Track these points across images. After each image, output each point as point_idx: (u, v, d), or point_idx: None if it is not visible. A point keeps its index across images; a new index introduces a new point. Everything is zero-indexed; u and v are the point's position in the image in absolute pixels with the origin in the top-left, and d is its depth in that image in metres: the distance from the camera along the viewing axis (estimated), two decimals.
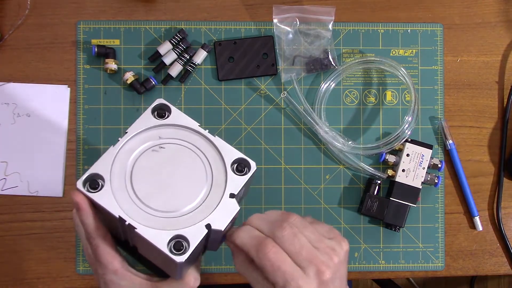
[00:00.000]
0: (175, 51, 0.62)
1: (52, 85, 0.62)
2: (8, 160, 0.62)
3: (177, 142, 0.42)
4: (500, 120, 0.65)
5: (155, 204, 0.39)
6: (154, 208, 0.39)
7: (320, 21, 0.63)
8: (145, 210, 0.39)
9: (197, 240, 0.38)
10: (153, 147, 0.41)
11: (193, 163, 0.41)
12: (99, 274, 0.42)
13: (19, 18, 0.62)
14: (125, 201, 0.39)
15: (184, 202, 0.39)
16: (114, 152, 0.40)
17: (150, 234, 0.37)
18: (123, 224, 0.38)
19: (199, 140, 0.42)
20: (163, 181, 0.40)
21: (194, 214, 0.39)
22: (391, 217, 0.61)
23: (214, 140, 0.42)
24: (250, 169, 0.41)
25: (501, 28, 0.66)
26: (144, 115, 0.42)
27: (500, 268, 0.65)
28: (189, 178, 0.40)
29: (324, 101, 0.63)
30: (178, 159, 0.41)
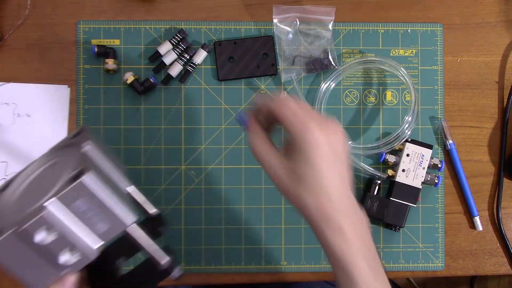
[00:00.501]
0: (175, 51, 0.62)
1: (52, 85, 0.62)
2: (8, 160, 0.62)
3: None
4: (500, 120, 0.65)
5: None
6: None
7: (320, 21, 0.63)
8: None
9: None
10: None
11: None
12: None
13: (19, 18, 0.62)
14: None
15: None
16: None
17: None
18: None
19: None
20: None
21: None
22: (391, 217, 0.61)
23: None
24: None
25: (501, 28, 0.66)
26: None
27: (500, 268, 0.65)
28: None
29: (324, 101, 0.63)
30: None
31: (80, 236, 0.40)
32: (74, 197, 0.38)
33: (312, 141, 0.40)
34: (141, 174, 0.62)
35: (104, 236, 0.40)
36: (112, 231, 0.40)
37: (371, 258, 0.42)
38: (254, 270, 0.63)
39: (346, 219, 0.41)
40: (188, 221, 0.62)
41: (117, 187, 0.44)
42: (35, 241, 0.38)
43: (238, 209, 0.63)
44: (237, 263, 0.63)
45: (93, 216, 0.40)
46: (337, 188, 0.41)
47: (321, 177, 0.41)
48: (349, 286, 0.40)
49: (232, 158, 0.63)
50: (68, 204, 0.39)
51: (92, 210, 0.39)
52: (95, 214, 0.40)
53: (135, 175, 0.62)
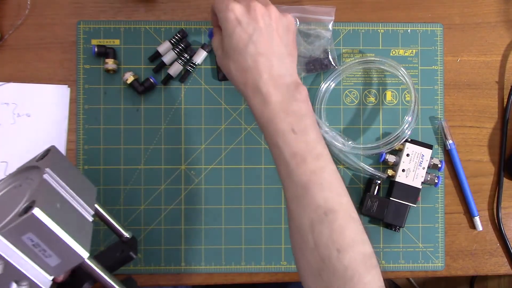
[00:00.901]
0: (175, 51, 0.62)
1: (52, 85, 0.62)
2: (8, 160, 0.62)
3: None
4: (500, 120, 0.65)
5: None
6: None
7: (320, 21, 0.63)
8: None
9: None
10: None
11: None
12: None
13: (19, 18, 0.62)
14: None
15: None
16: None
17: None
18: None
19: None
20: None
21: None
22: (391, 217, 0.61)
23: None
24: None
25: (501, 28, 0.66)
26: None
27: (500, 268, 0.65)
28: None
29: (324, 101, 0.63)
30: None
31: (28, 269, 0.39)
32: (23, 230, 0.37)
33: (229, 17, 0.47)
34: (141, 174, 0.62)
35: (57, 269, 0.40)
36: (65, 265, 0.40)
37: (295, 120, 0.46)
38: (254, 270, 0.63)
39: (269, 88, 0.46)
40: (188, 221, 0.62)
41: (77, 216, 0.43)
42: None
43: (238, 209, 0.63)
44: (237, 263, 0.63)
45: (45, 249, 0.39)
46: (256, 60, 0.47)
47: (240, 51, 0.47)
48: (274, 145, 0.46)
49: (232, 158, 0.63)
50: (16, 237, 0.37)
51: (43, 243, 0.38)
52: (47, 247, 0.38)
53: (135, 175, 0.62)
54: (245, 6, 0.47)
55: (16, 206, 0.39)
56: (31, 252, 0.38)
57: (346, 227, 0.43)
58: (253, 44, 0.46)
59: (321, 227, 0.43)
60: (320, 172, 0.44)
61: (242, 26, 0.46)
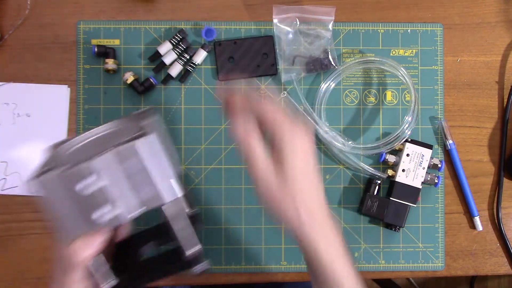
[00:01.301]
0: (175, 51, 0.62)
1: (52, 85, 0.62)
2: (8, 160, 0.62)
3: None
4: (500, 120, 0.65)
5: None
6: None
7: (320, 21, 0.63)
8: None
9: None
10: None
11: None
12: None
13: (19, 18, 0.62)
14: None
15: None
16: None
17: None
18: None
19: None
20: None
21: None
22: (391, 217, 0.61)
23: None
24: None
25: (501, 28, 0.66)
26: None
27: (500, 268, 0.65)
28: None
29: (324, 101, 0.63)
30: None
31: (120, 195, 0.39)
32: (128, 155, 0.38)
33: (296, 148, 0.42)
34: None
35: (146, 203, 0.40)
36: (155, 201, 0.40)
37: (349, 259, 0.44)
38: (254, 270, 0.63)
39: (333, 225, 0.44)
40: None
41: (171, 162, 0.42)
42: (76, 189, 0.39)
43: (238, 209, 0.63)
44: (237, 263, 0.63)
45: (140, 180, 0.39)
46: (317, 194, 0.44)
47: (302, 182, 0.43)
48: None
49: (232, 158, 0.63)
50: (120, 161, 0.38)
51: (141, 175, 0.39)
52: (143, 179, 0.39)
53: None
54: (304, 139, 0.44)
55: (117, 140, 0.39)
56: (127, 180, 0.39)
57: None
58: (318, 178, 0.44)
59: None
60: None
61: (312, 155, 0.43)
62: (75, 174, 0.38)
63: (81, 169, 0.38)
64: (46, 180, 0.39)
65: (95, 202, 0.39)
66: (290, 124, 0.43)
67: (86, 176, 0.38)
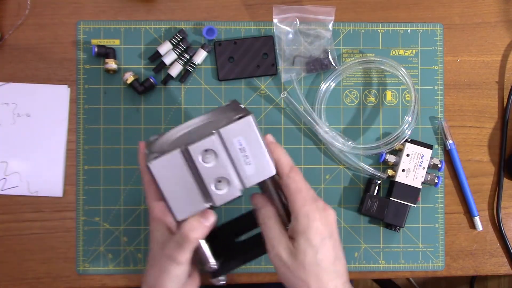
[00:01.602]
0: (175, 51, 0.62)
1: (52, 85, 0.62)
2: (8, 160, 0.62)
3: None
4: (500, 120, 0.65)
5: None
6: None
7: (320, 21, 0.63)
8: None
9: None
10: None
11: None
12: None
13: (19, 18, 0.62)
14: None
15: None
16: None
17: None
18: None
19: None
20: None
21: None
22: (391, 217, 0.61)
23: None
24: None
25: (501, 28, 0.66)
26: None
27: (500, 268, 0.65)
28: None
29: (324, 101, 0.63)
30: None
31: (234, 169, 0.45)
32: (236, 132, 0.44)
33: (315, 230, 0.44)
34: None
35: (250, 179, 0.45)
36: (258, 176, 0.45)
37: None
38: (254, 270, 0.63)
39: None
40: None
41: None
42: (195, 162, 0.44)
43: (238, 209, 0.63)
44: None
45: (247, 156, 0.45)
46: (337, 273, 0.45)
47: (325, 270, 0.44)
48: None
49: None
50: (230, 137, 0.44)
51: (247, 150, 0.45)
52: (248, 155, 0.45)
53: (135, 175, 0.62)
54: (324, 215, 0.45)
55: (221, 122, 0.45)
56: (237, 155, 0.45)
57: None
58: (339, 261, 0.45)
59: None
60: None
61: (328, 240, 0.45)
62: (195, 149, 0.43)
63: (201, 145, 0.43)
64: (170, 158, 0.43)
65: (213, 176, 0.44)
66: (310, 204, 0.45)
67: (205, 150, 0.44)
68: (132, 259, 0.62)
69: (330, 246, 0.44)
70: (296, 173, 0.46)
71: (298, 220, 0.45)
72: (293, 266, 0.44)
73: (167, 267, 0.47)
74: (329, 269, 0.44)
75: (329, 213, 0.46)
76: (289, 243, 0.45)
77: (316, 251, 0.44)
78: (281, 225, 0.47)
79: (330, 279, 0.44)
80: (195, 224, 0.45)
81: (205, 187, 0.45)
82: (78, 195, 0.62)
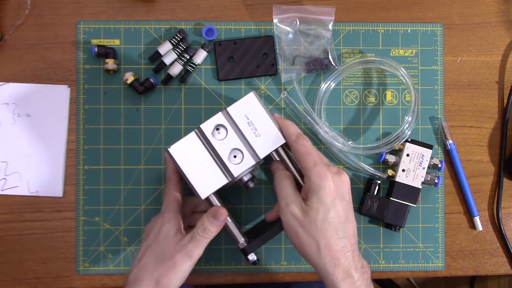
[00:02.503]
0: (175, 51, 0.62)
1: (52, 85, 0.62)
2: (8, 160, 0.62)
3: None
4: (500, 120, 0.65)
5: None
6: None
7: (320, 21, 0.63)
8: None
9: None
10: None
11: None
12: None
13: (19, 18, 0.62)
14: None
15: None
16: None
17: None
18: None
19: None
20: None
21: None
22: (391, 217, 0.61)
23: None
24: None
25: (501, 28, 0.66)
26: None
27: (500, 268, 0.65)
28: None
29: (324, 101, 0.63)
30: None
31: (246, 142, 0.51)
32: (242, 108, 0.51)
33: (328, 189, 0.47)
34: (141, 174, 0.62)
35: (262, 150, 0.51)
36: (269, 146, 0.51)
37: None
38: (254, 270, 0.63)
39: (357, 274, 0.46)
40: None
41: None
42: (209, 139, 0.50)
43: (238, 209, 0.63)
44: (237, 263, 0.63)
45: (255, 129, 0.51)
46: (345, 231, 0.47)
47: (335, 229, 0.47)
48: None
49: None
50: (237, 114, 0.50)
51: (255, 123, 0.51)
52: (257, 127, 0.51)
53: (135, 175, 0.62)
54: (337, 178, 0.48)
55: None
56: (246, 129, 0.51)
57: None
58: (349, 223, 0.47)
59: None
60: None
61: (340, 201, 0.47)
62: (206, 127, 0.50)
63: (211, 122, 0.50)
64: (187, 139, 0.50)
65: (227, 148, 0.50)
66: (322, 165, 0.47)
67: (216, 128, 0.50)
68: (132, 259, 0.62)
69: (341, 207, 0.47)
70: (304, 139, 0.49)
71: (311, 179, 0.47)
72: (305, 223, 0.46)
73: (179, 262, 0.49)
74: (339, 228, 0.46)
75: (342, 177, 0.48)
76: (301, 202, 0.48)
77: (328, 209, 0.46)
78: (295, 186, 0.50)
79: (339, 238, 0.46)
80: (212, 221, 0.50)
81: (223, 163, 0.50)
82: (78, 195, 0.62)
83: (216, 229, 0.50)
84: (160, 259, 0.49)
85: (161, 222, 0.52)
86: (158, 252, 0.50)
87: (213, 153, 0.50)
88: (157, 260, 0.50)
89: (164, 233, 0.51)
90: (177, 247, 0.50)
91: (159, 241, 0.51)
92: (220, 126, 0.50)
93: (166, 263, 0.49)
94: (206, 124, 0.50)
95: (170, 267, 0.49)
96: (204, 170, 0.50)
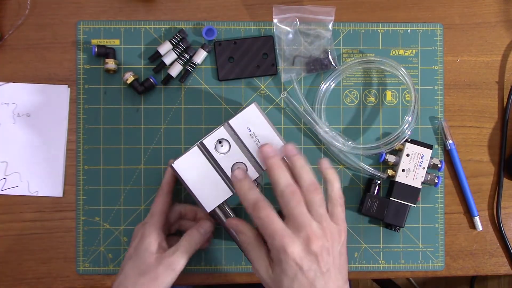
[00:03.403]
0: (175, 51, 0.62)
1: (52, 85, 0.62)
2: (8, 160, 0.62)
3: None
4: (500, 120, 0.65)
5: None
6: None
7: (320, 21, 0.63)
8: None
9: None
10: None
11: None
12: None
13: (19, 18, 0.62)
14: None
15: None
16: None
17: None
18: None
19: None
20: None
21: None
22: (391, 217, 0.61)
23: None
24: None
25: (501, 28, 0.66)
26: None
27: (500, 268, 0.65)
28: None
29: (324, 101, 0.63)
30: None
31: (249, 154, 0.51)
32: (244, 120, 0.51)
33: (289, 261, 0.44)
34: (141, 174, 0.62)
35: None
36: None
37: None
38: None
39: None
40: None
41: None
42: (212, 153, 0.50)
43: (238, 209, 0.63)
44: (237, 263, 0.63)
45: (258, 141, 0.51)
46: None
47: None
48: None
49: None
50: (239, 126, 0.51)
51: (257, 135, 0.51)
52: (260, 139, 0.51)
53: (135, 175, 0.62)
54: (304, 243, 0.44)
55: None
56: (249, 142, 0.51)
57: None
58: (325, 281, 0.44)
59: None
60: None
61: (303, 271, 0.44)
62: (209, 141, 0.50)
63: (213, 136, 0.51)
64: (190, 154, 0.50)
65: (229, 162, 0.50)
66: (281, 239, 0.44)
67: (219, 141, 0.51)
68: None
69: (309, 275, 0.44)
70: (260, 210, 0.46)
71: (272, 251, 0.45)
72: (273, 286, 0.46)
73: (162, 275, 0.48)
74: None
75: (316, 241, 0.44)
76: (268, 267, 0.46)
77: (292, 280, 0.44)
78: (261, 246, 0.47)
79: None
80: (199, 233, 0.51)
81: (227, 176, 0.50)
82: (78, 195, 0.62)
83: (202, 242, 0.51)
84: (142, 272, 0.50)
85: (142, 234, 0.53)
86: (138, 264, 0.50)
87: (216, 167, 0.51)
88: (139, 273, 0.50)
89: (144, 246, 0.51)
90: (159, 260, 0.50)
91: (138, 254, 0.51)
92: (223, 140, 0.51)
93: (147, 275, 0.49)
94: (209, 138, 0.51)
95: (152, 279, 0.49)
96: (209, 184, 0.50)
